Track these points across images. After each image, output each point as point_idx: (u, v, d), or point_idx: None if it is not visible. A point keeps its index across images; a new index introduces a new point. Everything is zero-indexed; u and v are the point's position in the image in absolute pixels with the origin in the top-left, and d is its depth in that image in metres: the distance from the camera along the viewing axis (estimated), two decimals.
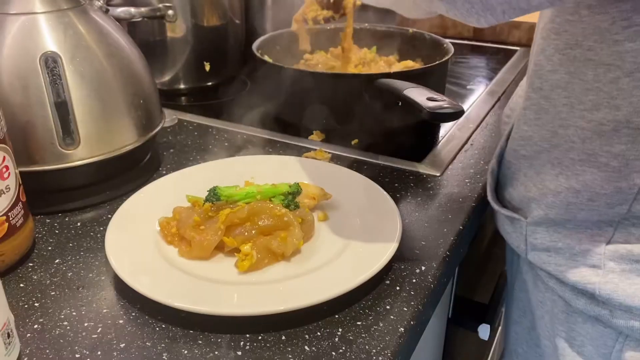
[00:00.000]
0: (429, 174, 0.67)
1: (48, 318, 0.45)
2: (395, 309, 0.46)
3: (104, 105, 0.58)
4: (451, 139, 0.76)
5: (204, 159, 0.71)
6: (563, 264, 0.51)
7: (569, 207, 0.49)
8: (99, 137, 0.58)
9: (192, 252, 0.49)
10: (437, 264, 0.51)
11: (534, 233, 0.53)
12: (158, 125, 0.66)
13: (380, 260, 0.47)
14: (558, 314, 0.54)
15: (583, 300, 0.51)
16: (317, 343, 0.42)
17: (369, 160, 0.70)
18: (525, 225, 0.54)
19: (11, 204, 0.48)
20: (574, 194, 0.48)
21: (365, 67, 0.86)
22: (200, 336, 0.43)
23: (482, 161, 0.70)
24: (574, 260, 0.50)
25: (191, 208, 0.54)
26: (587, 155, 0.47)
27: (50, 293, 0.48)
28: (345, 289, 0.45)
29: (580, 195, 0.48)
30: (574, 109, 0.46)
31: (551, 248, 0.52)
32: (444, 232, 0.56)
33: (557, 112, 0.48)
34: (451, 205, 0.60)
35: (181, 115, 0.84)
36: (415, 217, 0.58)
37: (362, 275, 0.46)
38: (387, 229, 0.52)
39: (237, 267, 0.48)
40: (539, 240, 0.53)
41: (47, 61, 0.55)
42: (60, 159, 0.57)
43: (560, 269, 0.51)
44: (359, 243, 0.51)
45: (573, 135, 0.47)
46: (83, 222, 0.58)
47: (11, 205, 0.48)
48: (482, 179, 0.65)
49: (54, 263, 0.52)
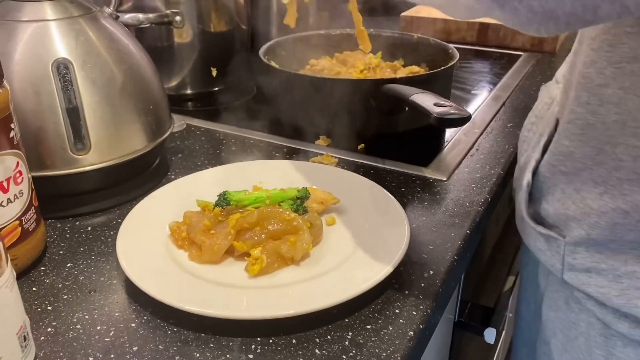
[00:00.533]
0: (435, 178, 0.67)
1: (61, 321, 0.46)
2: (404, 313, 0.46)
3: (114, 110, 0.59)
4: (457, 144, 0.76)
5: (211, 163, 0.72)
6: (605, 286, 0.48)
7: (615, 228, 0.46)
8: (110, 142, 0.59)
9: (203, 257, 0.50)
10: (445, 268, 0.51)
11: (573, 253, 0.50)
12: (167, 131, 0.67)
13: (388, 265, 0.48)
14: (595, 337, 0.52)
15: (626, 323, 0.48)
16: (328, 346, 0.43)
17: (376, 164, 0.71)
18: (564, 245, 0.51)
19: (24, 209, 0.49)
20: (622, 214, 0.46)
21: (371, 72, 0.86)
22: (211, 339, 0.44)
23: (488, 166, 0.70)
24: (618, 282, 0.48)
25: (201, 213, 0.55)
26: (638, 175, 0.44)
27: (62, 297, 0.49)
28: (354, 293, 0.45)
29: (629, 216, 0.45)
30: (626, 127, 0.44)
31: (592, 269, 0.49)
32: (452, 236, 0.56)
33: (606, 128, 0.45)
34: (458, 209, 0.61)
35: (188, 120, 0.85)
36: (422, 222, 0.58)
37: (371, 279, 0.46)
38: (395, 233, 0.53)
39: (248, 271, 0.48)
40: (579, 260, 0.50)
41: (58, 67, 0.56)
42: (71, 164, 0.57)
43: (602, 291, 0.49)
44: (367, 247, 0.52)
45: (622, 154, 0.45)
46: (94, 227, 0.59)
47: (24, 209, 0.49)
48: (489, 184, 0.66)
49: (66, 267, 0.52)
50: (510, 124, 0.83)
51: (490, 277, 0.92)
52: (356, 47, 0.95)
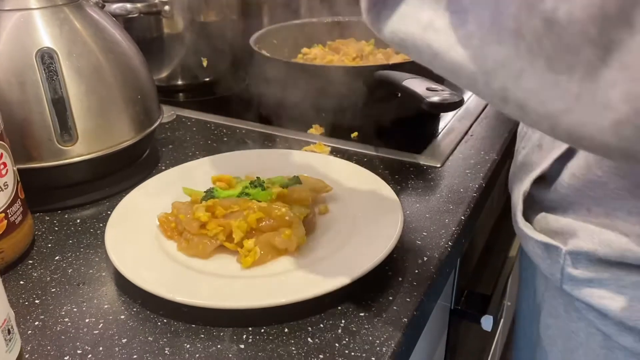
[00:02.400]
0: (429, 165, 0.66)
1: (49, 315, 0.45)
2: (398, 300, 0.45)
3: (101, 101, 0.58)
4: (451, 130, 0.76)
5: (202, 154, 0.71)
6: (608, 297, 0.46)
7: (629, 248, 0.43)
8: (97, 133, 0.58)
9: (190, 251, 0.49)
10: (439, 255, 0.51)
11: (574, 262, 0.47)
12: (156, 121, 0.66)
13: (381, 252, 0.47)
14: (595, 349, 0.49)
15: (630, 337, 0.45)
16: (320, 335, 0.42)
17: (369, 152, 0.70)
18: (564, 254, 0.48)
19: (9, 201, 0.48)
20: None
21: (364, 59, 0.85)
22: (202, 330, 0.43)
23: (483, 152, 0.69)
24: (621, 294, 0.45)
25: (189, 203, 0.54)
26: None
27: (50, 290, 0.48)
28: (347, 280, 0.44)
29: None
30: None
31: (594, 279, 0.46)
32: (446, 222, 0.55)
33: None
34: (452, 196, 0.60)
35: (179, 111, 0.84)
36: (416, 209, 0.58)
37: (364, 267, 0.45)
38: (389, 220, 0.52)
39: (241, 263, 0.48)
40: (580, 270, 0.47)
41: (43, 57, 0.55)
42: (58, 155, 0.56)
43: (604, 302, 0.46)
44: (360, 235, 0.51)
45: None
46: (82, 219, 0.58)
47: (10, 202, 0.48)
48: (483, 170, 0.65)
49: (54, 260, 0.51)
50: None
51: (487, 264, 0.91)
52: (348, 34, 0.94)
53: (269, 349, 0.41)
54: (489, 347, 1.21)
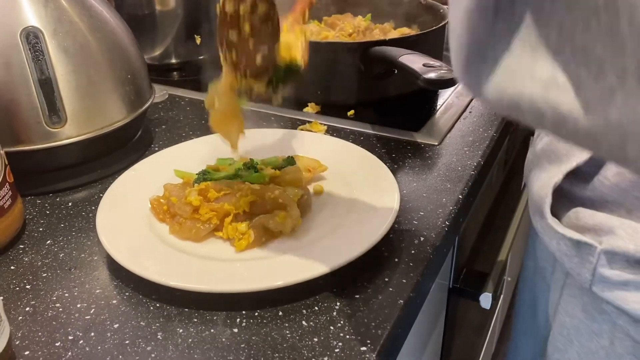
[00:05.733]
0: (427, 143, 0.65)
1: (40, 300, 0.44)
2: (394, 281, 0.45)
3: (90, 81, 0.56)
4: (449, 107, 0.74)
5: (196, 134, 0.69)
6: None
7: None
8: (87, 114, 0.57)
9: (182, 234, 0.48)
10: (436, 234, 0.50)
11: (609, 262, 0.43)
12: (148, 101, 0.64)
13: (377, 233, 0.46)
14: (622, 354, 0.46)
15: None
16: (315, 318, 0.42)
17: (366, 131, 0.69)
18: (598, 253, 0.44)
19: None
20: None
21: (360, 35, 0.83)
22: (195, 314, 0.42)
23: (481, 129, 0.68)
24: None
25: (182, 186, 0.53)
26: None
27: (41, 275, 0.47)
28: (342, 261, 0.44)
29: None
30: None
31: (630, 282, 0.43)
32: (443, 202, 0.54)
33: None
34: (450, 174, 0.59)
35: (173, 91, 0.82)
36: (413, 188, 0.57)
37: (359, 248, 0.45)
38: (385, 200, 0.51)
39: (234, 247, 0.47)
40: (616, 271, 0.43)
41: (28, 37, 0.53)
42: (47, 137, 0.55)
43: None
44: (356, 215, 0.50)
45: None
46: (74, 202, 0.57)
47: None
48: (482, 147, 0.64)
49: (45, 244, 0.51)
50: None
51: (485, 242, 0.91)
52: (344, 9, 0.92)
53: (263, 333, 0.41)
54: (489, 324, 1.21)
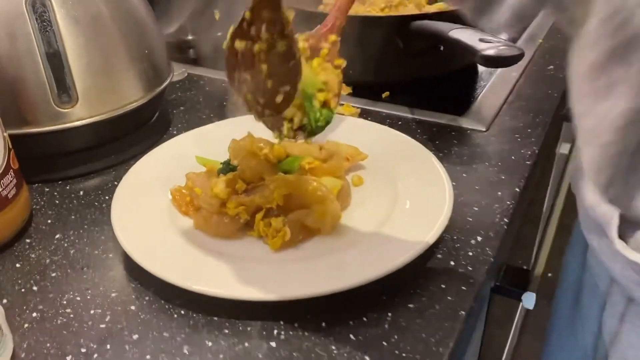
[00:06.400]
0: (473, 129, 0.59)
1: (48, 304, 0.39)
2: (452, 289, 0.39)
3: (103, 55, 0.51)
4: (493, 90, 0.68)
5: (218, 117, 0.63)
6: None
7: None
8: (100, 93, 0.51)
9: (209, 231, 0.43)
10: (495, 233, 0.44)
11: None
12: (166, 79, 0.58)
13: (430, 232, 0.41)
14: None
15: None
16: (365, 331, 0.36)
17: (403, 115, 0.63)
18: None
19: (0, 172, 0.42)
20: None
21: (393, 10, 0.77)
22: (226, 324, 0.37)
23: (532, 114, 0.62)
24: None
25: (206, 175, 0.47)
26: None
27: (50, 274, 0.42)
28: (392, 266, 0.38)
29: None
30: None
31: None
32: (498, 195, 0.48)
33: None
34: (503, 164, 0.53)
35: (191, 70, 0.77)
36: (463, 180, 0.51)
37: (412, 250, 0.39)
38: (435, 193, 0.45)
39: (269, 245, 0.41)
40: None
41: (34, 5, 0.47)
42: (56, 118, 0.50)
43: None
44: (402, 211, 0.44)
45: None
46: (86, 191, 0.51)
47: (0, 173, 0.42)
48: (535, 134, 0.58)
49: (54, 239, 0.45)
50: (550, 66, 0.74)
51: (521, 236, 0.85)
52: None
53: (305, 348, 0.35)
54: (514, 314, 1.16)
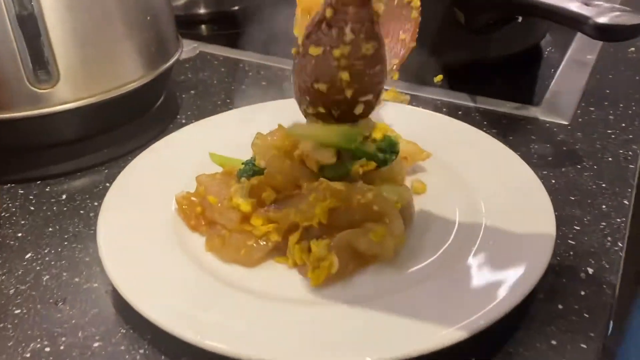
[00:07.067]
0: (553, 122, 0.48)
1: (6, 358, 0.28)
2: (566, 346, 0.28)
3: (92, 22, 0.40)
4: (566, 75, 0.57)
5: (234, 103, 0.54)
6: None
7: None
8: (88, 70, 0.41)
9: (226, 255, 0.32)
10: (609, 263, 0.33)
11: None
12: (174, 56, 0.48)
13: (533, 265, 0.29)
14: None
15: None
16: None
17: (462, 102, 0.52)
18: None
19: None
20: None
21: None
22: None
23: (622, 104, 0.50)
24: None
25: (222, 178, 0.36)
26: None
27: (13, 312, 0.31)
28: (483, 322, 0.27)
29: None
30: None
31: None
32: (603, 210, 0.37)
33: None
34: (600, 168, 0.41)
35: (202, 47, 0.66)
36: (552, 187, 0.39)
37: (511, 296, 0.28)
38: (528, 207, 0.34)
39: (308, 278, 0.30)
40: None
41: None
42: (32, 102, 0.40)
43: None
44: (487, 230, 0.33)
45: None
46: (70, 194, 0.41)
47: None
48: (631, 129, 0.46)
49: (24, 259, 0.35)
50: (631, 48, 0.62)
51: None
52: None
53: None
54: None
